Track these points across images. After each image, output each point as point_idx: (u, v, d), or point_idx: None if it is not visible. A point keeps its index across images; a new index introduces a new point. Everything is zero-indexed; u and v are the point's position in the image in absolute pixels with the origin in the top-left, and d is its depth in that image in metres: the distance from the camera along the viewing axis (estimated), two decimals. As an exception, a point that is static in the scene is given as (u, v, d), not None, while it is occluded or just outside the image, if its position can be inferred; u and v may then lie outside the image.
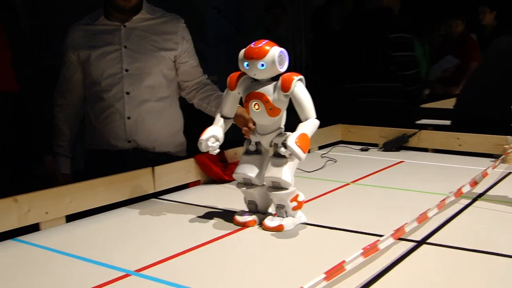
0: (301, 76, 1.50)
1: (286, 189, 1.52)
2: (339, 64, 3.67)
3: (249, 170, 1.58)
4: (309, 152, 2.58)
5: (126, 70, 2.24)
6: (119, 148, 2.30)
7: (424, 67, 4.80)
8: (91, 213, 1.74)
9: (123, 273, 1.27)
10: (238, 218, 1.60)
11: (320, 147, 2.71)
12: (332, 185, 2.03)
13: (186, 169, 2.06)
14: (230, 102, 1.62)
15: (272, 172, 1.52)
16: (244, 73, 1.55)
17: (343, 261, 1.20)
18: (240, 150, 1.65)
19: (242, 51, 1.51)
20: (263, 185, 1.58)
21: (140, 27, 2.28)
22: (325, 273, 1.14)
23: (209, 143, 1.56)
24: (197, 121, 2.01)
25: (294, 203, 1.55)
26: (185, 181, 2.06)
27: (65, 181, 2.28)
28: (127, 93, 2.25)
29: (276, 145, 1.56)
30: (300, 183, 1.58)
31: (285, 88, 1.48)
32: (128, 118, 2.26)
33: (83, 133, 2.42)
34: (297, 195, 1.55)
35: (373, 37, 3.39)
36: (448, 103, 3.33)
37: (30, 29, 2.84)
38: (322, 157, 2.49)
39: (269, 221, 1.55)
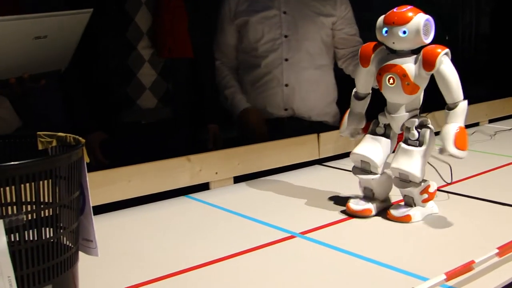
0: (447, 50, 1.28)
1: (415, 182, 1.34)
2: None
3: (370, 152, 1.38)
4: (478, 124, 2.50)
5: (285, 36, 2.22)
6: (274, 116, 2.29)
7: None
8: (257, 176, 1.79)
9: (288, 235, 1.30)
10: (352, 205, 1.43)
11: (491, 121, 2.58)
12: (503, 160, 1.93)
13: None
14: (363, 78, 1.41)
15: (400, 163, 1.33)
16: (378, 45, 1.35)
17: (517, 238, 1.15)
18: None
19: (382, 17, 1.32)
20: (384, 173, 1.40)
21: None
22: (498, 248, 1.09)
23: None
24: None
25: (425, 195, 1.36)
26: (348, 149, 2.05)
27: (250, 113, 2.25)
28: (286, 60, 2.22)
29: (408, 129, 1.34)
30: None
31: (429, 64, 1.26)
32: (286, 85, 2.24)
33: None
34: (428, 186, 1.36)
35: None
36: None
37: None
38: (495, 133, 2.35)
39: (394, 211, 1.38)
